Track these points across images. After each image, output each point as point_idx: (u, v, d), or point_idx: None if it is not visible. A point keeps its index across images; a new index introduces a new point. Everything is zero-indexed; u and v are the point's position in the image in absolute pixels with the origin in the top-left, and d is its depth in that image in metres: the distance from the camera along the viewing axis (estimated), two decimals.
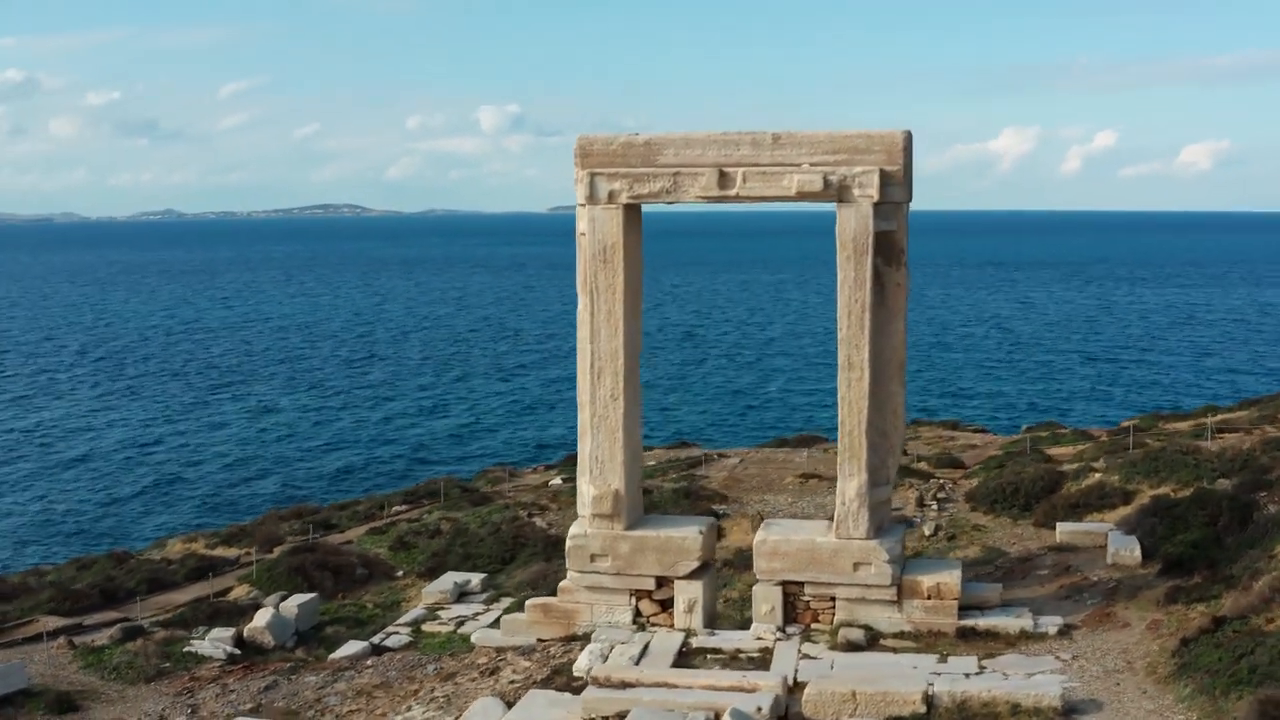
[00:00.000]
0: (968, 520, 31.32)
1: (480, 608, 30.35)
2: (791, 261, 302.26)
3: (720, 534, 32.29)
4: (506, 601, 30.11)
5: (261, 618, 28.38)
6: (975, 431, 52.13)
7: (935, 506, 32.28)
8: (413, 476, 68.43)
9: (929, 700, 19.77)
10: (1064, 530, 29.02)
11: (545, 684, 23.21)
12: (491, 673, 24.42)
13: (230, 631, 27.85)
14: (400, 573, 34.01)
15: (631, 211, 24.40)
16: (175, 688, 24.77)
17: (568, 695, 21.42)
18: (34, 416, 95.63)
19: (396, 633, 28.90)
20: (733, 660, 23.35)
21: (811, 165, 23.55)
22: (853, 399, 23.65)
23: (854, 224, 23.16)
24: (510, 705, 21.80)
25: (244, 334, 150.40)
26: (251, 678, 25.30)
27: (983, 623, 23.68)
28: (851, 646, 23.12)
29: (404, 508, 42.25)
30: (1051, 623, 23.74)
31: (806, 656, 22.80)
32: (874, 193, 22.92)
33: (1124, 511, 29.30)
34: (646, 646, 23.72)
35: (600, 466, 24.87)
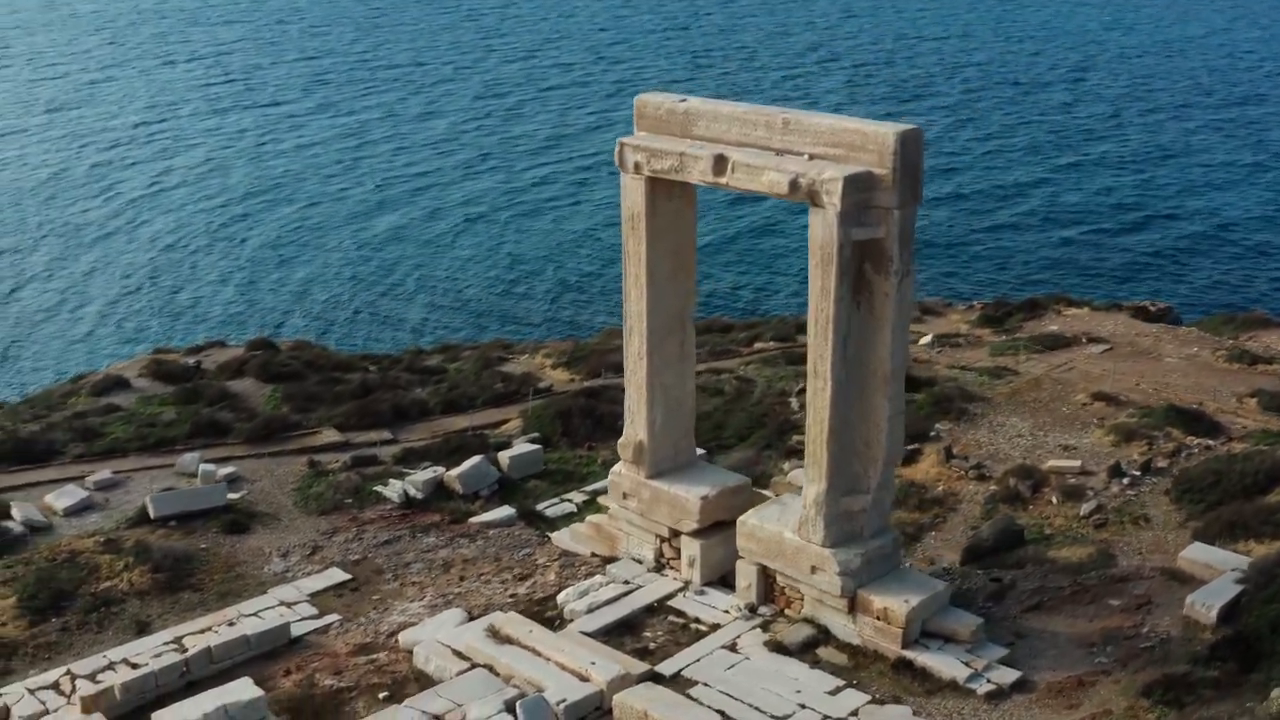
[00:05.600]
0: (1140, 507, 27.71)
1: None
2: None
3: (914, 458, 31.55)
4: None
5: (464, 465, 32.86)
6: None
7: (1128, 480, 28.69)
8: None
9: None
10: (1191, 554, 25.18)
11: (543, 603, 26.01)
12: (523, 579, 27.43)
13: (432, 475, 32.70)
14: None
15: (663, 182, 24.45)
16: (329, 525, 30.34)
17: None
18: None
19: (568, 501, 32.19)
20: (683, 630, 24.54)
21: (813, 155, 22.28)
22: (817, 407, 22.85)
23: (820, 232, 21.81)
24: (470, 620, 25.05)
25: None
26: (390, 529, 30.28)
27: (923, 659, 22.57)
28: (779, 649, 23.30)
29: (769, 346, 44.14)
30: (997, 679, 22.07)
31: (731, 647, 23.43)
32: (837, 201, 21.31)
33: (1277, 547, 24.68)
34: (629, 593, 25.50)
35: (631, 416, 26.18)
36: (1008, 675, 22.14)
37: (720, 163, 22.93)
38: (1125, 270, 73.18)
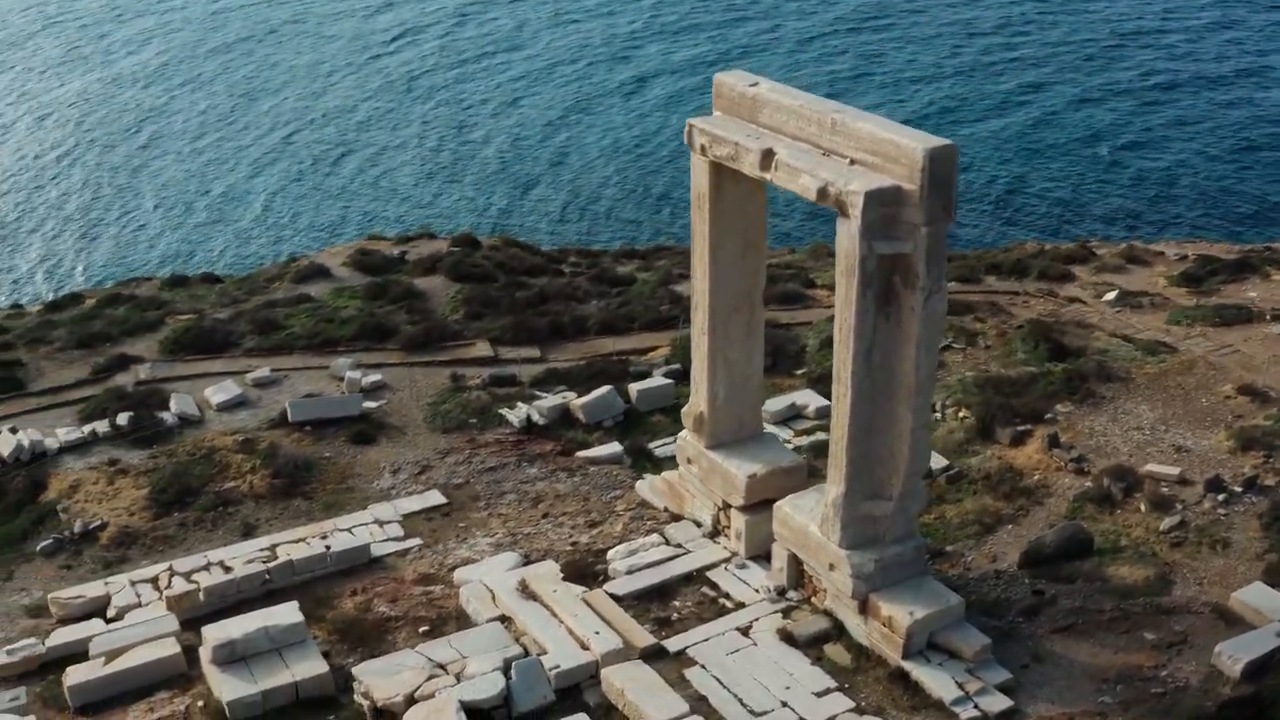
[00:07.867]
0: (1225, 529, 26.03)
1: (788, 435, 32.78)
2: None
3: (1021, 440, 30.66)
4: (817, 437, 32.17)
5: (590, 395, 33.90)
6: None
7: (1224, 496, 26.96)
8: None
9: None
10: (1245, 595, 23.74)
11: (598, 555, 27.26)
12: (593, 525, 28.66)
13: (559, 401, 33.94)
14: (800, 372, 36.68)
15: (727, 168, 24.48)
16: (446, 445, 32.19)
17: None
18: None
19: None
20: (711, 604, 25.30)
21: (854, 160, 21.99)
22: (839, 412, 22.89)
23: (845, 242, 21.60)
24: (526, 563, 26.59)
25: None
26: (500, 455, 31.90)
27: (919, 673, 22.63)
28: (786, 638, 23.83)
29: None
30: (986, 705, 21.96)
31: (745, 631, 24.13)
32: (857, 215, 21.03)
33: None
34: (673, 558, 26.41)
35: (695, 386, 26.73)
36: (998, 703, 21.96)
37: (767, 158, 22.83)
38: None
